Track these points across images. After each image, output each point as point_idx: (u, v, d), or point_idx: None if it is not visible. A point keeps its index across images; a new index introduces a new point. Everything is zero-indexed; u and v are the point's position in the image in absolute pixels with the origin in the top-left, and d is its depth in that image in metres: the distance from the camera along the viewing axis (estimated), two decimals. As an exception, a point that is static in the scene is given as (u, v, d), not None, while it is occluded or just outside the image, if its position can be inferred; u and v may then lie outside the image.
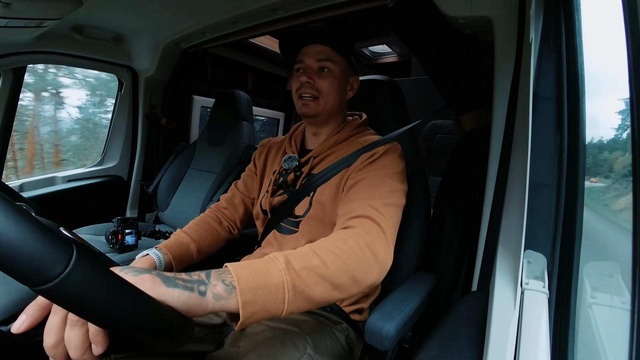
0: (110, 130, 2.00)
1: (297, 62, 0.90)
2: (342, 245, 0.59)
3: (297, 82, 0.89)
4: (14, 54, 1.40)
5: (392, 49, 2.90)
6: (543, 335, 0.44)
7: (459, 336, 0.54)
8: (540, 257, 0.52)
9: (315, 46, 0.88)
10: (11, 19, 1.03)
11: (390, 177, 0.77)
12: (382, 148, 0.83)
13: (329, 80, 0.87)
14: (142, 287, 0.38)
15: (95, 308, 0.32)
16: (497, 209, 0.75)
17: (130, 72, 1.90)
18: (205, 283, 0.44)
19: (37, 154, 2.04)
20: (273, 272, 0.49)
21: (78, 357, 0.37)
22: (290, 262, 0.52)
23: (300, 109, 0.89)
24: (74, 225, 1.56)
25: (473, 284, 0.86)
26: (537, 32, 0.64)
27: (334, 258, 0.56)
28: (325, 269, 0.54)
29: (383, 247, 0.64)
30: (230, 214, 1.01)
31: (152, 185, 1.92)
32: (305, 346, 0.69)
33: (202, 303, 0.42)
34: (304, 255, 0.54)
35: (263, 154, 1.04)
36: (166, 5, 1.33)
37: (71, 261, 0.30)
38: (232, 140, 1.76)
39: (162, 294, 0.40)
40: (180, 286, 0.42)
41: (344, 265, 0.56)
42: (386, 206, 0.71)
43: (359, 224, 0.66)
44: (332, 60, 0.87)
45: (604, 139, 0.65)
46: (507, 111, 0.81)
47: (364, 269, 0.59)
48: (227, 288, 0.45)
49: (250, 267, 0.48)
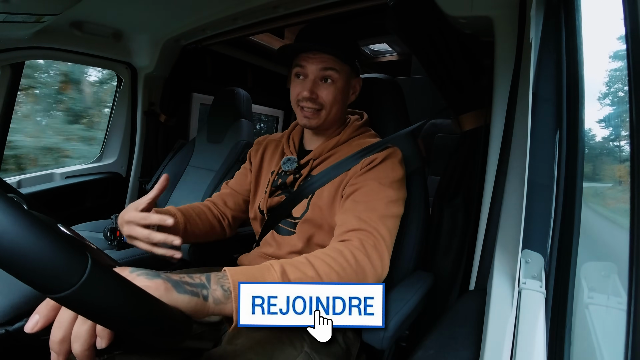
0: (108, 126, 1.99)
1: (297, 66, 0.83)
2: (338, 257, 0.61)
3: (296, 91, 0.83)
4: (12, 49, 1.39)
5: (393, 47, 2.90)
6: (540, 335, 0.45)
7: (456, 335, 0.54)
8: (537, 257, 0.52)
9: (318, 54, 0.80)
10: (10, 14, 1.03)
11: (389, 185, 0.77)
12: (382, 154, 0.81)
13: (332, 91, 0.81)
14: (155, 294, 0.40)
15: (109, 314, 0.34)
16: (496, 208, 0.75)
17: (129, 68, 1.89)
18: (206, 287, 0.47)
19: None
20: (269, 279, 0.52)
21: (82, 351, 0.38)
22: (286, 272, 0.54)
23: (302, 120, 0.85)
24: (72, 222, 1.55)
25: (471, 283, 0.86)
26: (537, 33, 0.64)
27: (329, 270, 0.58)
28: (320, 280, 0.56)
29: (379, 259, 0.66)
30: (222, 207, 0.99)
31: (151, 182, 1.92)
32: (303, 344, 0.69)
33: (205, 307, 0.46)
34: (300, 265, 0.57)
35: (259, 151, 1.02)
36: (166, 1, 1.32)
37: (86, 270, 0.32)
38: (231, 138, 1.75)
39: (174, 300, 0.43)
40: (189, 292, 0.45)
41: (338, 278, 0.58)
42: (384, 218, 0.72)
43: (355, 237, 0.68)
44: (336, 70, 0.81)
45: (603, 140, 0.65)
46: (507, 111, 0.81)
47: (358, 279, 0.61)
48: (225, 294, 0.48)
49: (247, 274, 0.51)
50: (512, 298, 0.49)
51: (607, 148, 0.65)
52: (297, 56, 0.83)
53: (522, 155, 0.58)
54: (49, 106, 2.07)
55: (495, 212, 0.74)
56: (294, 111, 0.87)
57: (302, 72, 0.82)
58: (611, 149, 0.64)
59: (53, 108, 2.09)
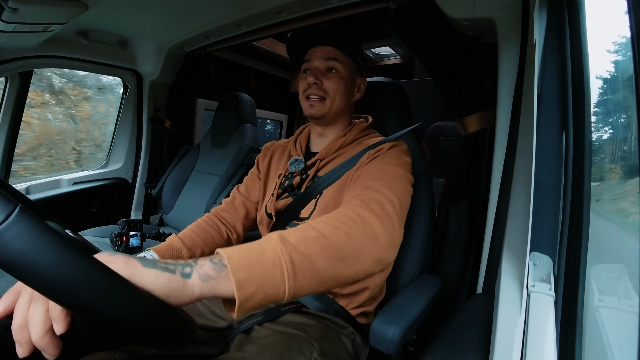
0: (115, 133, 2.02)
1: (304, 63, 0.90)
2: (340, 217, 0.55)
3: (304, 83, 0.88)
4: (21, 58, 1.42)
5: (395, 50, 2.90)
6: (550, 339, 0.44)
7: (464, 340, 0.54)
8: (546, 259, 0.51)
9: (322, 47, 0.88)
10: (18, 23, 1.05)
11: (396, 164, 0.76)
12: (387, 145, 0.82)
13: (335, 80, 0.86)
14: (113, 267, 0.34)
15: (35, 270, 0.30)
16: (502, 210, 0.74)
17: (134, 75, 1.92)
18: (190, 265, 0.40)
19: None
20: (267, 248, 0.45)
21: (38, 338, 0.34)
22: (285, 237, 0.47)
23: (307, 110, 0.88)
24: (79, 227, 1.57)
25: (478, 287, 0.85)
26: (540, 33, 0.63)
27: (332, 229, 0.52)
28: (324, 240, 0.49)
29: (387, 218, 0.59)
30: (230, 218, 0.98)
31: (157, 188, 1.93)
32: (312, 351, 0.68)
33: (186, 286, 0.38)
34: (300, 230, 0.50)
35: (267, 157, 1.03)
36: (170, 9, 1.34)
37: (11, 216, 0.29)
38: (235, 143, 1.76)
39: (137, 274, 0.35)
40: (160, 267, 0.37)
41: (344, 235, 0.52)
42: (392, 186, 0.68)
43: (358, 199, 0.63)
44: (339, 60, 0.87)
45: (609, 139, 0.64)
46: (512, 112, 0.80)
47: (368, 238, 0.54)
48: (216, 266, 0.40)
49: (241, 247, 0.44)
50: (520, 301, 0.48)
51: (613, 148, 0.64)
52: (304, 55, 0.91)
53: (527, 157, 0.57)
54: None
55: (502, 214, 0.74)
56: (302, 106, 0.91)
57: (309, 66, 0.89)
58: (617, 149, 0.63)
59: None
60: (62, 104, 2.05)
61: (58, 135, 2.06)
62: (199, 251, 0.86)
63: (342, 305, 0.82)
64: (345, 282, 0.52)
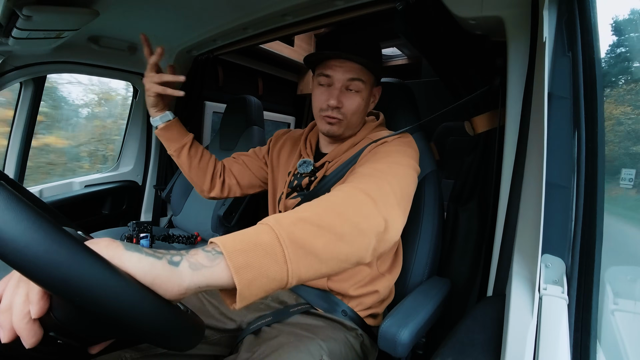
0: (125, 136, 2.05)
1: (322, 75, 0.82)
2: (332, 197, 0.54)
3: (322, 99, 0.82)
4: (34, 64, 1.45)
5: (402, 51, 2.89)
6: (563, 343, 0.43)
7: (474, 343, 0.53)
8: (558, 262, 0.50)
9: (345, 62, 0.79)
10: (32, 30, 1.07)
11: (396, 152, 0.74)
12: (391, 137, 0.81)
13: (357, 101, 0.81)
14: (95, 248, 0.33)
15: (2, 237, 0.28)
16: (513, 211, 0.73)
17: (144, 79, 1.94)
18: (180, 254, 0.38)
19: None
20: (262, 231, 0.43)
21: (17, 321, 0.33)
22: (279, 219, 0.45)
23: (323, 127, 0.85)
24: (90, 229, 1.60)
25: (489, 289, 0.84)
26: (550, 31, 0.62)
27: (327, 206, 0.51)
28: (319, 218, 0.47)
29: (383, 196, 0.57)
30: (221, 169, 1.04)
31: (166, 190, 1.96)
32: (320, 352, 0.68)
33: (174, 275, 0.35)
34: (293, 212, 0.48)
35: (278, 144, 1.04)
36: (178, 14, 1.36)
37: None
38: (243, 145, 1.77)
39: (118, 257, 0.34)
40: (144, 252, 0.35)
41: (339, 213, 0.50)
42: (389, 168, 0.66)
43: (356, 180, 0.61)
44: (362, 80, 0.80)
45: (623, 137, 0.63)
46: (522, 111, 0.79)
47: (364, 215, 0.52)
48: (209, 254, 0.38)
49: (235, 233, 0.42)
50: (532, 304, 0.47)
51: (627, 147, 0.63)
52: (322, 63, 0.82)
53: (538, 156, 0.56)
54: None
55: (512, 215, 0.72)
56: (315, 118, 0.88)
57: (328, 81, 0.81)
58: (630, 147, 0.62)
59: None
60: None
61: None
62: (197, 149, 1.00)
63: (350, 306, 0.82)
64: (348, 260, 0.49)
